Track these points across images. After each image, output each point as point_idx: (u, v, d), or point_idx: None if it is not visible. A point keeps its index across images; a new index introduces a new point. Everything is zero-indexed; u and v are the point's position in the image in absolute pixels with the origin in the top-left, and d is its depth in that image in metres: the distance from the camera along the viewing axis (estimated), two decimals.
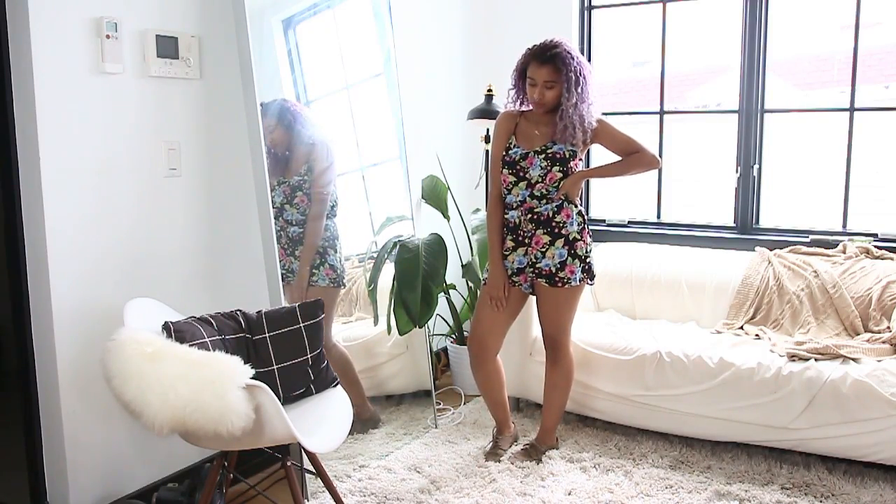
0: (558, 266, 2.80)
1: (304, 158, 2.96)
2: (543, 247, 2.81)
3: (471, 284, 3.83)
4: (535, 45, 2.75)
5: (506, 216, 2.87)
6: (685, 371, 2.94)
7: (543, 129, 2.82)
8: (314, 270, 2.97)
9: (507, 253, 2.88)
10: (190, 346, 2.10)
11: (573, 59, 2.70)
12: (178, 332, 2.15)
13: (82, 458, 2.42)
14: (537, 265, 2.83)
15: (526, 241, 2.84)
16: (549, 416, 3.02)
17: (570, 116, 2.72)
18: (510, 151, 2.83)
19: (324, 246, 3.00)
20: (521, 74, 2.80)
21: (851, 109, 3.51)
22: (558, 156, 2.78)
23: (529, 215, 2.82)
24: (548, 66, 2.69)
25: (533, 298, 2.98)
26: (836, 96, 3.74)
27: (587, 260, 2.84)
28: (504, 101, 2.93)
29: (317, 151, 3.01)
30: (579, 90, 2.70)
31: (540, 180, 2.78)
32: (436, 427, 3.33)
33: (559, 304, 2.88)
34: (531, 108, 2.84)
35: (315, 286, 2.97)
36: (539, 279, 2.85)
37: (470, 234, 3.81)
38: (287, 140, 2.93)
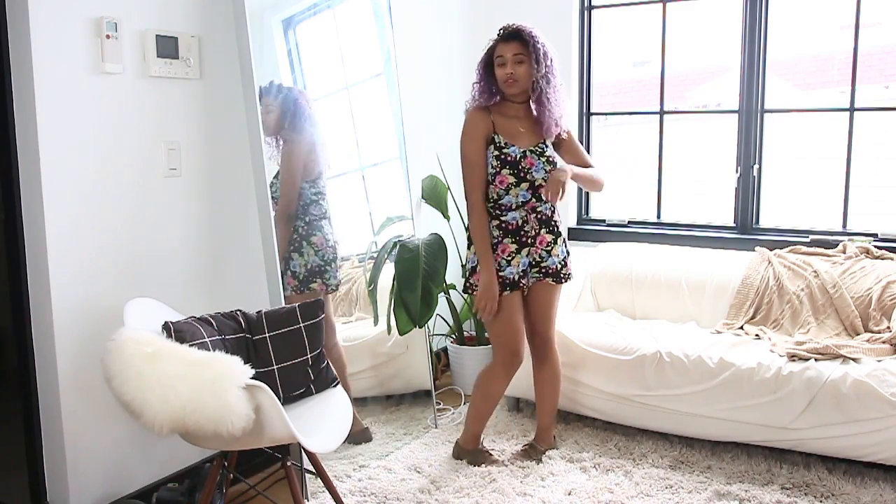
0: (562, 263, 2.87)
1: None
2: (548, 245, 2.82)
3: None
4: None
5: (503, 218, 2.79)
6: (685, 371, 2.94)
7: (526, 124, 2.82)
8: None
9: (510, 258, 2.79)
10: (190, 346, 2.10)
11: (537, 37, 2.74)
12: (178, 332, 2.16)
13: (82, 458, 2.42)
14: (542, 264, 2.83)
15: (528, 241, 2.82)
16: (545, 415, 3.02)
17: (544, 94, 2.74)
18: (507, 150, 2.75)
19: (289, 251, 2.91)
20: (487, 65, 2.80)
21: (851, 109, 3.51)
22: (553, 159, 2.82)
23: (534, 215, 2.81)
24: (514, 41, 2.74)
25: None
26: (836, 96, 3.73)
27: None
28: (470, 95, 2.85)
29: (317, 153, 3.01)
30: (548, 63, 2.74)
31: (544, 182, 2.78)
32: (436, 427, 3.33)
33: (555, 300, 2.93)
34: (498, 99, 2.82)
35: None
36: (546, 278, 2.85)
37: None
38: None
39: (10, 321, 2.35)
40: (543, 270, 2.83)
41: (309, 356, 2.46)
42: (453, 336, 3.94)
